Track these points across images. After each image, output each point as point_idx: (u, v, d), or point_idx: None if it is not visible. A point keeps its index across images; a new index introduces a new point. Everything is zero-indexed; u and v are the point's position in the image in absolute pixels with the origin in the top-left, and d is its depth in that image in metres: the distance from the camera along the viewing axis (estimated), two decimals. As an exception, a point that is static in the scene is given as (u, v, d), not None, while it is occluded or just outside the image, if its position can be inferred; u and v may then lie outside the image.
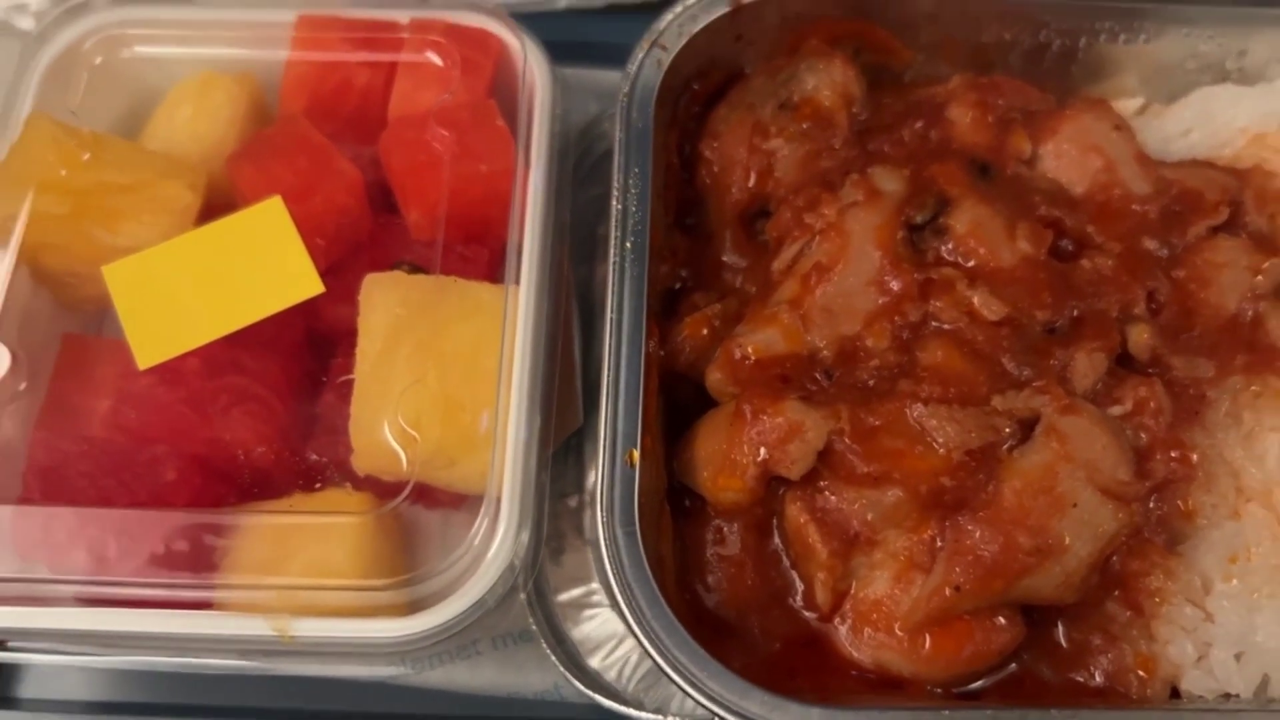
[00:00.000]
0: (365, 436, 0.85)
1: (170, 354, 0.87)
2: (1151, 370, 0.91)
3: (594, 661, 0.94)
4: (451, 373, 0.86)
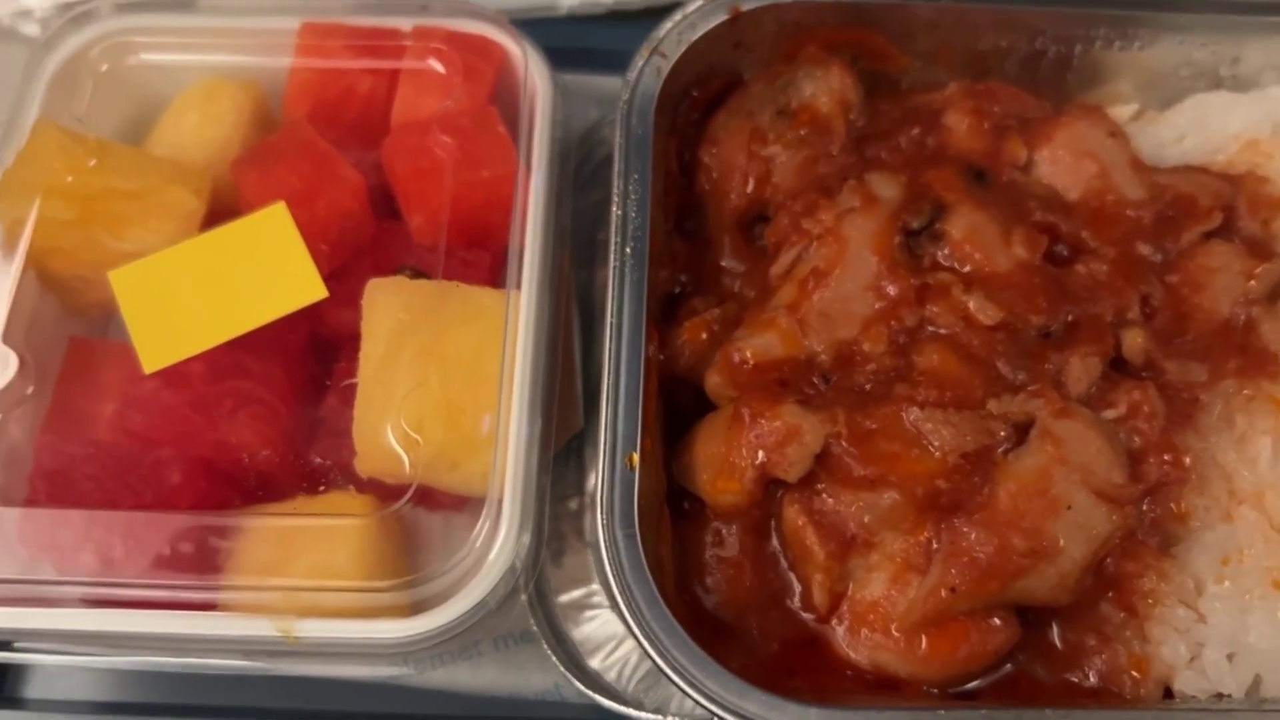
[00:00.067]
0: (368, 440, 0.85)
1: (175, 358, 0.87)
2: (1145, 374, 0.91)
3: (594, 662, 0.94)
4: (453, 376, 0.86)
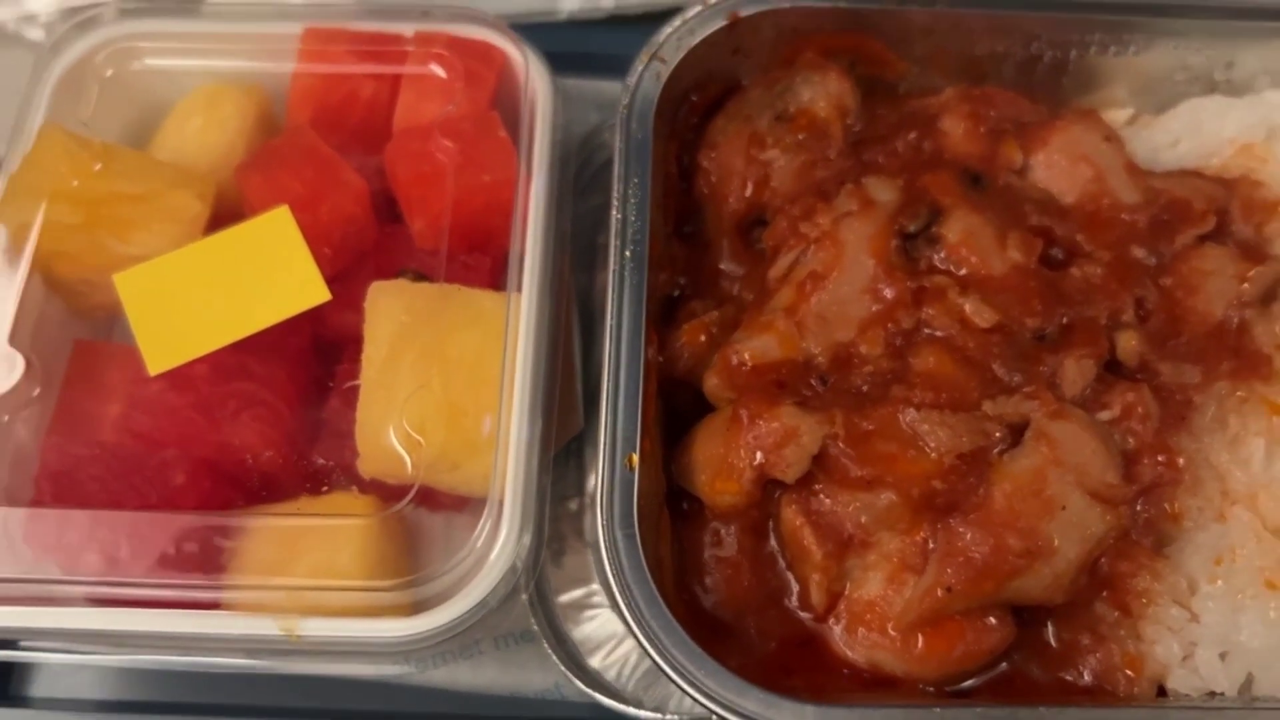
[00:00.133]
0: (371, 441, 0.86)
1: (180, 360, 0.87)
2: (1139, 376, 0.91)
3: (594, 661, 0.95)
4: (455, 378, 0.86)
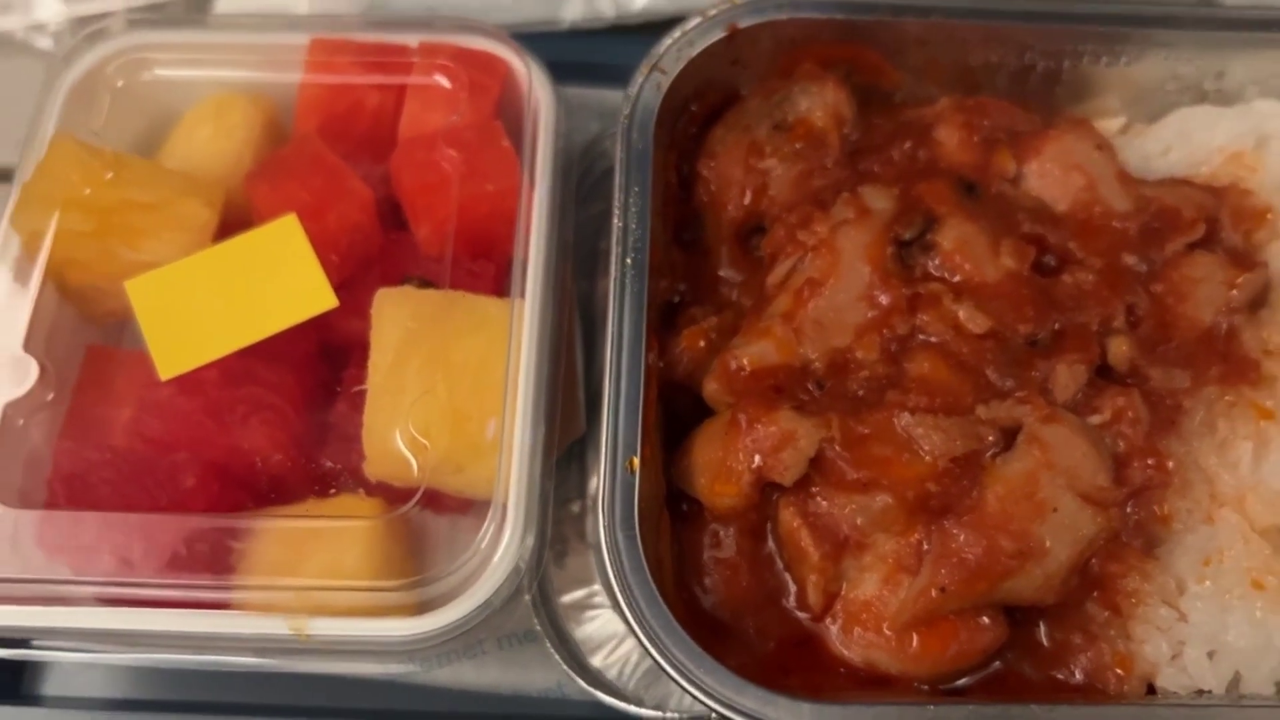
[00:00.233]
0: (378, 444, 0.86)
1: (190, 365, 0.88)
2: (1130, 381, 0.91)
3: (596, 660, 0.95)
4: (460, 383, 0.87)
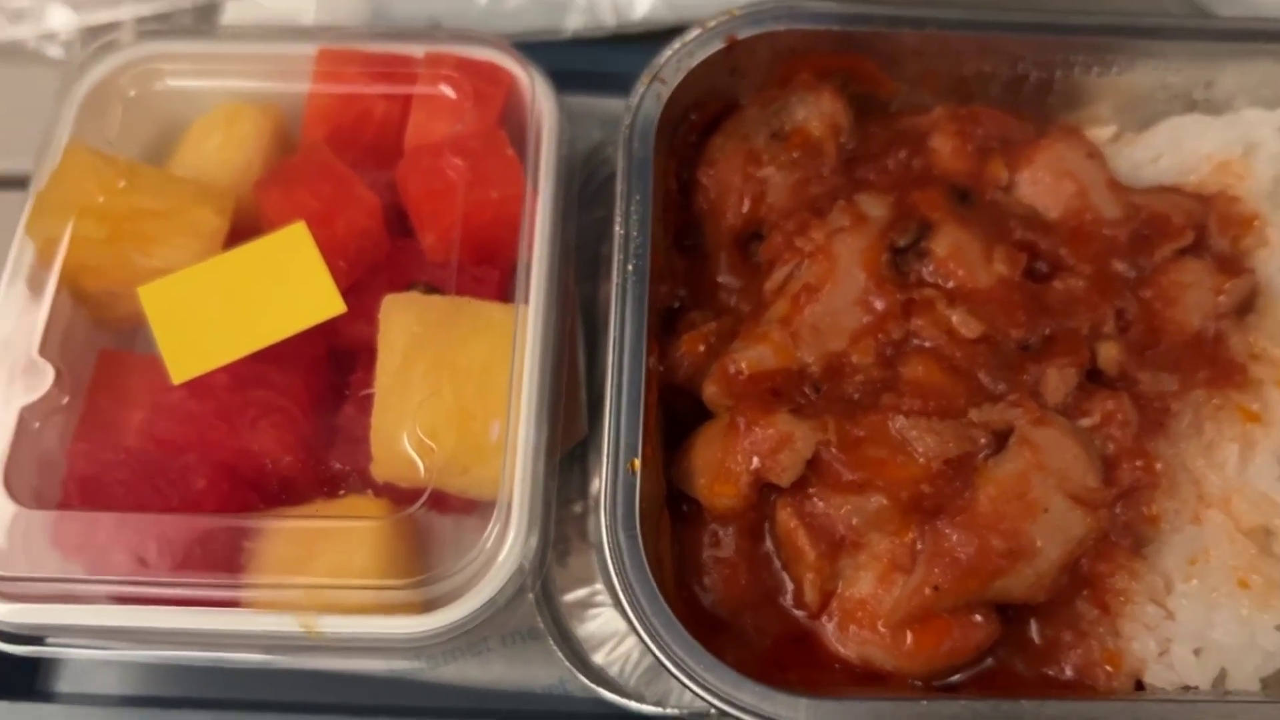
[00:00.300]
0: (385, 446, 0.87)
1: (201, 369, 0.88)
2: (1119, 385, 0.92)
3: (598, 657, 0.96)
4: (465, 386, 0.88)
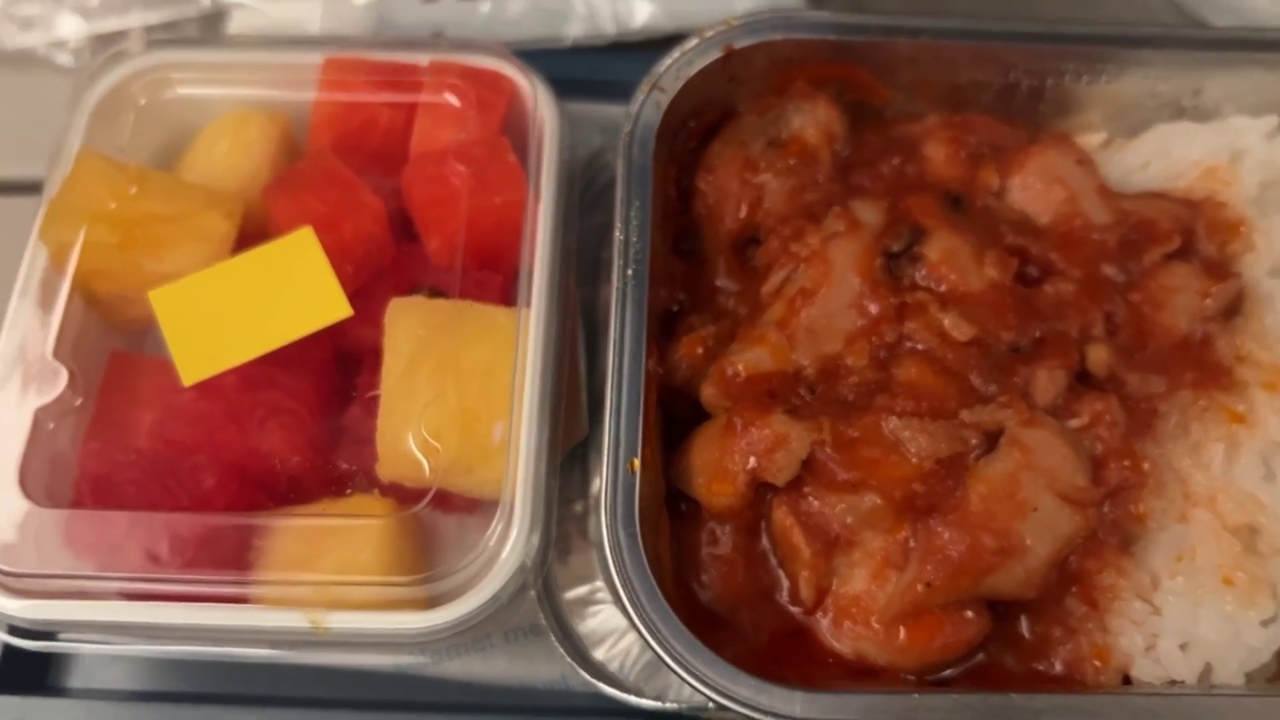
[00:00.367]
0: (391, 446, 0.88)
1: (211, 372, 0.89)
2: (1108, 386, 0.93)
3: (598, 653, 0.97)
4: (469, 388, 0.88)
